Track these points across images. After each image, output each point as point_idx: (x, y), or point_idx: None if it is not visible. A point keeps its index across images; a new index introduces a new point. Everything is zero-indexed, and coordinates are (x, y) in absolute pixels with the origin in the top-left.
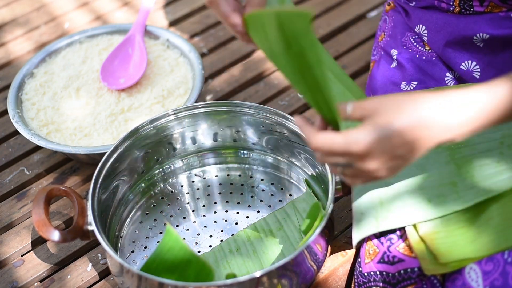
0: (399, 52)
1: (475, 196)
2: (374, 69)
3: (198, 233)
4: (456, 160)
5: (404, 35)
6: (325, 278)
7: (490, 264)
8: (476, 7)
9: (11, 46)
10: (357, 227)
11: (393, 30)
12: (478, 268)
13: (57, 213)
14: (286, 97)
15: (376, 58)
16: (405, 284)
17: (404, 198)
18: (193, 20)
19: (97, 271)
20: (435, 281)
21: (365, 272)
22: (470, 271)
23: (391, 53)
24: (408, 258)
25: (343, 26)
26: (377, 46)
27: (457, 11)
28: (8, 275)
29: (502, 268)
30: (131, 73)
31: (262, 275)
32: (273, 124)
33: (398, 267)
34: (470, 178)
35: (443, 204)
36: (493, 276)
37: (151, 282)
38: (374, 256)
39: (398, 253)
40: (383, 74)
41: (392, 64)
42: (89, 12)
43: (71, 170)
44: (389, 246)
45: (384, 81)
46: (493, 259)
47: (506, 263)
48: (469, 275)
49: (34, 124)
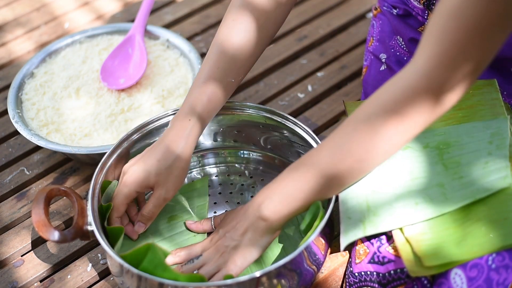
0: (387, 55)
1: (462, 199)
2: (366, 75)
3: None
4: (444, 161)
5: (392, 39)
6: (325, 278)
7: (475, 271)
8: None
9: (11, 46)
10: (345, 231)
11: (381, 34)
12: (463, 274)
13: (57, 213)
14: (286, 97)
15: (367, 64)
16: (396, 284)
17: (391, 202)
18: (193, 20)
19: (97, 271)
20: (425, 282)
21: (356, 272)
22: (455, 276)
23: (380, 57)
24: (398, 258)
25: (343, 26)
26: (367, 51)
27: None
28: (8, 275)
29: (486, 275)
30: (131, 73)
31: (262, 275)
32: (273, 124)
33: (388, 267)
34: (458, 179)
35: (430, 207)
36: (477, 283)
37: (151, 282)
38: (364, 256)
39: (388, 253)
40: (374, 77)
41: (381, 67)
42: (90, 12)
43: (71, 170)
44: (379, 247)
45: (376, 85)
46: (477, 265)
47: (490, 270)
48: (454, 281)
49: (34, 124)
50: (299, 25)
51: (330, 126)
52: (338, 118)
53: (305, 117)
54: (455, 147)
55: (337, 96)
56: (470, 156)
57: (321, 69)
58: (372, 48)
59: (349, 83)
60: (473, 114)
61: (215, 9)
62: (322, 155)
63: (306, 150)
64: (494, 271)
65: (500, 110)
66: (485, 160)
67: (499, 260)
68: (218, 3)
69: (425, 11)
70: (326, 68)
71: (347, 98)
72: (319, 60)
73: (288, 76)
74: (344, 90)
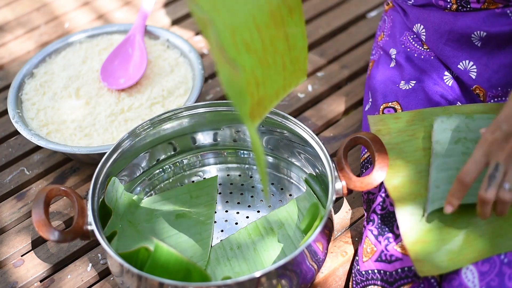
0: (397, 51)
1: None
2: (373, 69)
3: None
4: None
5: (403, 35)
6: (325, 278)
7: (487, 265)
8: (473, 4)
9: (11, 46)
10: (432, 198)
11: (392, 30)
12: (475, 268)
13: (57, 213)
14: (286, 97)
15: (375, 58)
16: (403, 282)
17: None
18: (193, 20)
19: (97, 271)
20: (432, 280)
21: (363, 270)
22: (466, 271)
23: (390, 52)
24: (405, 257)
25: (343, 26)
26: (376, 46)
27: (454, 8)
28: (8, 275)
29: (499, 269)
30: (131, 73)
31: (262, 275)
32: (273, 124)
33: (395, 266)
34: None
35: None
36: (490, 277)
37: (151, 282)
38: (371, 254)
39: (395, 251)
40: (382, 73)
41: (391, 63)
42: (90, 11)
43: (71, 170)
44: (386, 245)
45: (383, 80)
46: (489, 260)
47: (502, 264)
48: (465, 275)
49: (34, 124)
50: None
51: (330, 126)
52: (338, 118)
53: (305, 117)
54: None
55: (337, 96)
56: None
57: (321, 69)
58: (382, 42)
59: (349, 83)
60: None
61: None
62: None
63: (306, 150)
64: (507, 266)
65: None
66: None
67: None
68: None
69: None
70: (326, 68)
71: (347, 98)
72: (319, 60)
73: None
74: (344, 90)
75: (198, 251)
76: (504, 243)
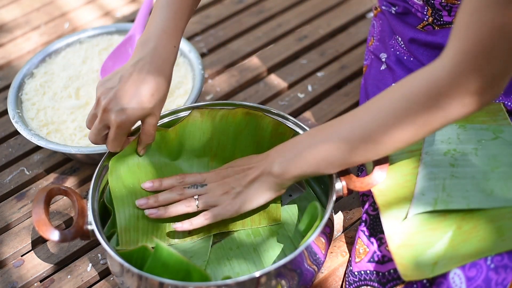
0: (387, 55)
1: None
2: (366, 73)
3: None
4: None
5: (392, 38)
6: (325, 278)
7: (473, 270)
8: (445, 17)
9: (11, 46)
10: (416, 204)
11: (381, 34)
12: (462, 273)
13: (57, 213)
14: (286, 97)
15: (367, 63)
16: (395, 283)
17: (467, 187)
18: (193, 20)
19: (97, 271)
20: (425, 281)
21: (356, 271)
22: (454, 276)
23: (380, 56)
24: None
25: (343, 26)
26: (368, 51)
27: (430, 21)
28: (8, 275)
29: (485, 274)
30: None
31: (262, 275)
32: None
33: (388, 266)
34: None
35: (506, 198)
36: (476, 283)
37: (151, 282)
38: (364, 255)
39: (388, 252)
40: (374, 77)
41: (382, 66)
42: (90, 12)
43: (71, 170)
44: (379, 246)
45: (376, 84)
46: (476, 265)
47: (489, 270)
48: (453, 280)
49: (34, 124)
50: (299, 25)
51: None
52: None
53: (305, 117)
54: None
55: (337, 96)
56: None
57: (321, 69)
58: (373, 47)
59: (349, 83)
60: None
61: (215, 9)
62: (343, 128)
63: None
64: (493, 271)
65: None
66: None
67: (498, 260)
68: (218, 3)
69: (424, 7)
70: (326, 68)
71: (347, 98)
72: (319, 60)
73: (288, 76)
74: (344, 90)
75: (198, 251)
76: (488, 247)
